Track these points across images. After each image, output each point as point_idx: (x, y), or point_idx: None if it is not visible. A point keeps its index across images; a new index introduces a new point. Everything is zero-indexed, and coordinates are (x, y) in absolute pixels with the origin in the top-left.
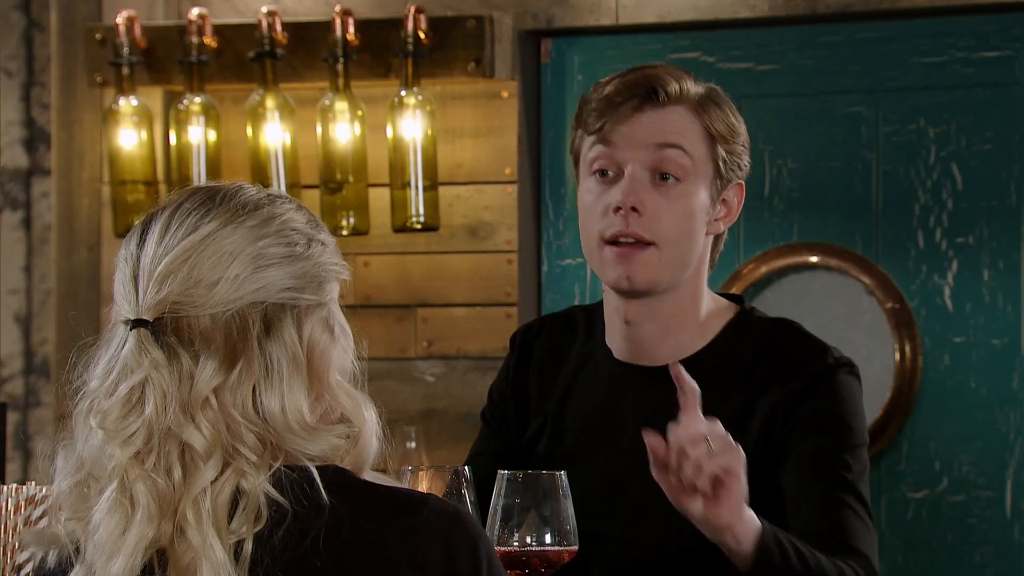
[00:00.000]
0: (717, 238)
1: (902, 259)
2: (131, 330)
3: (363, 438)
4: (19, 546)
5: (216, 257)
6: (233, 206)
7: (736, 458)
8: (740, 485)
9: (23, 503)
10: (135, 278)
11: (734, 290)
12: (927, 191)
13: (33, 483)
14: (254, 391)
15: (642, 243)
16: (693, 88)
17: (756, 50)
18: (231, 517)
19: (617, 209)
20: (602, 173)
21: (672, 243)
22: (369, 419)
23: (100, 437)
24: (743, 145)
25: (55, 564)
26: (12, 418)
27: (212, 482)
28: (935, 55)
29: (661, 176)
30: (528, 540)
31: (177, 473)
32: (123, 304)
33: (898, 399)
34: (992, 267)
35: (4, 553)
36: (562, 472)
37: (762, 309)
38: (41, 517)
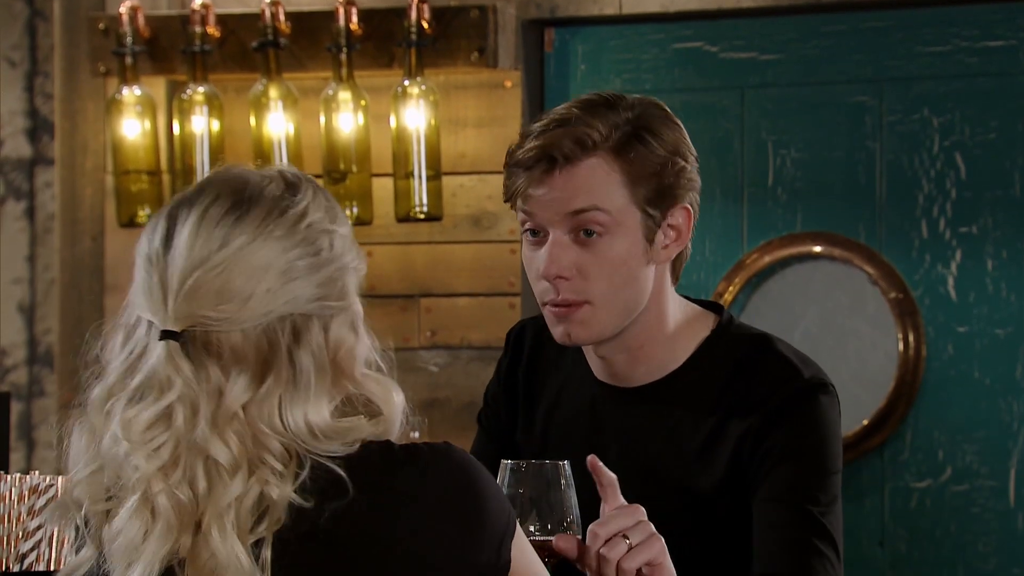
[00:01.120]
0: (679, 254)
1: (906, 249)
2: (159, 340)
3: (388, 421)
4: (39, 522)
5: (248, 272)
6: (261, 211)
7: (659, 548)
8: (667, 573)
9: (27, 492)
10: (163, 284)
11: (737, 279)
12: (931, 181)
13: (36, 473)
14: (279, 401)
15: (576, 304)
16: (604, 130)
17: (760, 40)
18: (253, 521)
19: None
20: (532, 233)
21: (607, 296)
22: (397, 402)
23: (124, 447)
24: (679, 169)
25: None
26: (16, 408)
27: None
28: (939, 44)
29: (585, 232)
30: (531, 530)
31: (202, 484)
32: (146, 305)
33: (901, 389)
34: (996, 257)
35: (8, 542)
36: (566, 462)
37: (765, 300)
38: (45, 507)
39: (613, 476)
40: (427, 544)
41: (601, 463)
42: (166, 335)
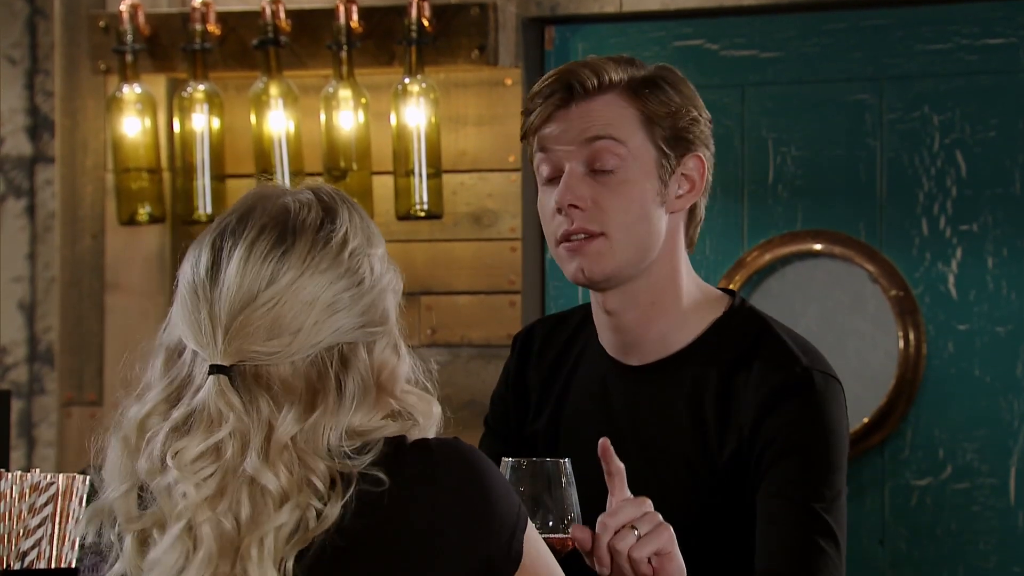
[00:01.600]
0: (691, 215)
1: (906, 247)
2: (210, 375)
3: (420, 428)
4: (40, 520)
5: (297, 307)
6: (305, 244)
7: (667, 536)
8: (675, 563)
9: (27, 490)
10: (212, 320)
11: (738, 277)
12: (931, 178)
13: (37, 470)
14: (324, 426)
15: (592, 235)
16: (621, 74)
17: (760, 37)
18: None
19: (560, 210)
20: (551, 180)
21: (621, 230)
22: (435, 414)
23: (173, 475)
24: (694, 118)
25: None
26: (16, 405)
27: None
28: (939, 42)
29: (601, 168)
30: None
31: (246, 511)
32: (193, 337)
33: (902, 387)
34: (996, 254)
35: (9, 540)
36: (566, 459)
37: (766, 297)
38: (45, 504)
39: (621, 466)
40: (434, 532)
41: (612, 449)
42: (216, 369)
